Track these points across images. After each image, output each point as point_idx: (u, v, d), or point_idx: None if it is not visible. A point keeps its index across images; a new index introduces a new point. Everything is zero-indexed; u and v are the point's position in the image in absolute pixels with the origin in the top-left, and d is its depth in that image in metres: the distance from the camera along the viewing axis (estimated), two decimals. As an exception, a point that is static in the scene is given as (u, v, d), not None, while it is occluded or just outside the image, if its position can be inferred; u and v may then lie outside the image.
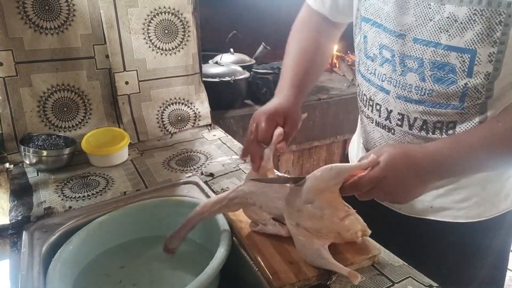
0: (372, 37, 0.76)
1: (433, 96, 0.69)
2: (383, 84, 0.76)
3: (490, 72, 0.62)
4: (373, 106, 0.81)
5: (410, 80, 0.71)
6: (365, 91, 0.82)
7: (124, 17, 1.19)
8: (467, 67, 0.64)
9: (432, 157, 0.62)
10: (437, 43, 0.65)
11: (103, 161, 1.10)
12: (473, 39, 0.61)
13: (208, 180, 1.00)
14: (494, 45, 0.60)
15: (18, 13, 1.08)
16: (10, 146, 1.13)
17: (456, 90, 0.67)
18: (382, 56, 0.75)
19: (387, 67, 0.74)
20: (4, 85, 1.11)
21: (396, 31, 0.70)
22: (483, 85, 0.64)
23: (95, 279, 0.75)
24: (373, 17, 0.74)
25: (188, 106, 1.37)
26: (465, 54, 0.63)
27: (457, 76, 0.65)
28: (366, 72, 0.81)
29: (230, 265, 0.68)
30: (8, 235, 0.82)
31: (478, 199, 0.77)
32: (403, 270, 0.67)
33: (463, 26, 0.61)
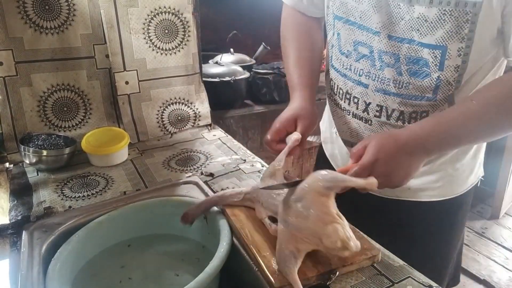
0: (345, 34, 0.81)
1: (410, 89, 0.75)
2: (360, 78, 0.81)
3: (459, 65, 0.69)
4: (350, 99, 0.85)
5: (388, 74, 0.76)
6: (341, 85, 0.87)
7: (124, 17, 1.19)
8: (439, 61, 0.70)
9: (417, 134, 0.66)
10: (410, 39, 0.71)
11: (103, 161, 1.09)
12: (443, 37, 0.67)
13: (208, 180, 1.00)
14: (462, 41, 0.66)
15: (18, 13, 1.08)
16: (10, 145, 1.13)
17: (430, 83, 0.73)
18: (358, 52, 0.80)
19: (364, 62, 0.79)
20: (4, 84, 1.10)
21: (372, 28, 0.74)
22: (453, 77, 0.70)
23: (95, 279, 0.75)
24: (345, 15, 0.79)
25: (188, 106, 1.37)
26: (437, 50, 0.69)
27: (430, 69, 0.71)
28: (341, 68, 0.86)
29: (230, 265, 0.68)
30: (8, 235, 0.82)
31: (449, 177, 0.85)
32: (403, 270, 0.67)
33: (433, 25, 0.67)
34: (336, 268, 0.64)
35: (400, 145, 0.65)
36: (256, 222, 0.76)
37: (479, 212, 2.65)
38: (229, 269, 0.69)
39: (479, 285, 2.08)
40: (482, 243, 2.37)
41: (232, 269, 0.71)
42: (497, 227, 2.51)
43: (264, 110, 1.74)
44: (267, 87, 1.77)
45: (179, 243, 0.84)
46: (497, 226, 2.53)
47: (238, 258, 0.72)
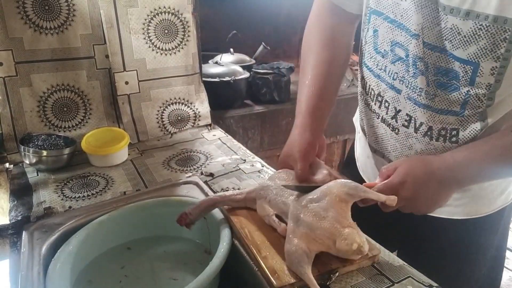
0: (383, 32, 0.74)
1: (436, 101, 0.70)
2: (394, 82, 0.76)
3: (491, 84, 0.63)
4: (381, 102, 0.80)
5: (420, 83, 0.71)
6: (374, 86, 0.81)
7: (124, 17, 1.19)
8: (469, 77, 0.64)
9: (448, 164, 0.64)
10: (442, 48, 0.65)
11: (103, 161, 1.09)
12: (476, 53, 0.61)
13: (208, 180, 1.00)
14: (497, 60, 0.60)
15: (18, 13, 1.08)
16: (10, 146, 1.13)
17: (458, 97, 0.67)
18: (394, 54, 0.74)
19: (400, 65, 0.73)
20: (4, 85, 1.10)
21: (411, 30, 0.68)
22: (484, 94, 0.64)
23: (95, 279, 0.75)
24: (386, 11, 0.72)
25: (188, 106, 1.37)
26: (468, 66, 0.63)
27: (459, 83, 0.66)
28: (376, 68, 0.79)
29: (230, 265, 0.68)
30: (8, 235, 0.82)
31: (474, 195, 0.79)
32: (403, 270, 0.67)
33: (466, 39, 0.61)
34: (336, 268, 0.64)
35: (430, 172, 0.63)
36: (256, 222, 0.76)
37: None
38: (229, 269, 0.69)
39: (479, 285, 2.07)
40: (482, 243, 2.36)
41: (232, 269, 0.71)
42: (497, 227, 2.51)
43: (264, 110, 1.74)
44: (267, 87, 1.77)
45: (179, 243, 0.84)
46: (497, 225, 2.52)
47: (238, 258, 0.72)
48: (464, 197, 0.79)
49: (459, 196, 0.79)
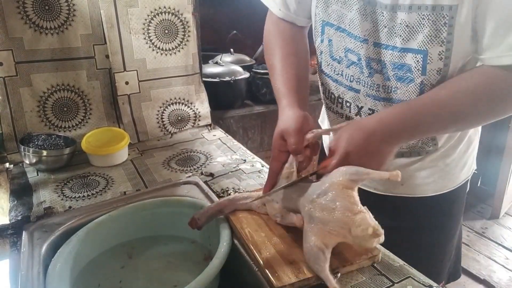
0: (337, 41, 0.81)
1: (398, 93, 0.76)
2: (352, 84, 0.82)
3: (441, 68, 0.70)
4: (342, 104, 0.87)
5: (377, 80, 0.78)
6: (333, 90, 0.88)
7: (124, 17, 1.19)
8: (421, 66, 0.71)
9: (383, 122, 0.68)
10: (393, 46, 0.72)
11: (103, 161, 1.10)
12: (424, 41, 0.68)
13: (208, 180, 1.00)
14: (442, 44, 0.68)
15: (18, 13, 1.08)
16: (10, 146, 1.13)
17: (414, 88, 0.74)
18: (348, 59, 0.81)
19: (354, 69, 0.80)
20: (4, 85, 1.11)
21: (360, 36, 0.75)
22: (436, 80, 0.71)
23: (95, 279, 0.75)
24: (337, 22, 0.79)
25: (188, 106, 1.37)
26: (418, 55, 0.70)
27: (413, 75, 0.72)
28: (333, 73, 0.86)
29: (230, 265, 0.68)
30: (8, 235, 0.82)
31: (441, 173, 0.87)
32: (403, 270, 0.67)
33: (414, 30, 0.69)
34: (337, 268, 0.64)
35: (368, 135, 0.67)
36: (256, 222, 0.76)
37: (479, 212, 2.65)
38: (229, 269, 0.69)
39: (479, 285, 2.08)
40: (482, 243, 2.37)
41: (232, 269, 0.71)
42: (497, 227, 2.51)
43: (264, 110, 1.74)
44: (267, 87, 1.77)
45: (179, 243, 0.84)
46: (497, 226, 2.53)
47: (238, 258, 0.72)
48: (432, 175, 0.86)
49: (428, 174, 0.86)
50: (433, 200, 0.89)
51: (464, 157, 0.89)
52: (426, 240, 0.93)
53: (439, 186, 0.88)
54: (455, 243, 1.00)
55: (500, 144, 2.47)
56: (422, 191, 0.88)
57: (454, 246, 1.00)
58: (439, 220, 0.92)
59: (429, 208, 0.90)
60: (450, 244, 0.98)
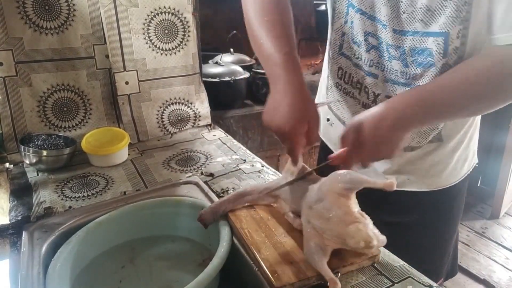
0: (357, 24, 0.80)
1: (417, 79, 0.76)
2: (371, 69, 0.82)
3: (458, 47, 0.70)
4: (361, 89, 0.86)
5: (395, 66, 0.77)
6: (353, 74, 0.86)
7: (124, 17, 1.19)
8: (443, 49, 0.71)
9: (394, 108, 0.67)
10: (414, 31, 0.72)
11: (103, 161, 1.10)
12: (445, 22, 0.68)
13: (208, 180, 1.00)
14: (461, 23, 0.68)
15: (18, 13, 1.08)
16: (10, 146, 1.13)
17: (436, 72, 0.73)
18: (368, 43, 0.80)
19: (374, 53, 0.80)
20: (4, 85, 1.11)
21: (381, 20, 0.75)
22: (453, 60, 0.71)
23: (95, 279, 0.75)
24: (359, 5, 0.79)
25: (188, 106, 1.37)
26: (440, 38, 0.70)
27: (434, 59, 0.72)
28: (353, 57, 0.85)
29: (230, 265, 0.68)
30: (8, 235, 0.82)
31: (443, 167, 0.88)
32: (403, 270, 0.67)
33: (436, 13, 0.69)
34: (337, 268, 0.64)
35: (379, 121, 0.66)
36: (256, 222, 0.76)
37: (479, 212, 2.65)
38: (229, 269, 0.69)
39: (479, 285, 2.08)
40: (482, 243, 2.37)
41: (232, 269, 0.71)
42: (497, 227, 2.51)
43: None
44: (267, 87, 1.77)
45: (179, 243, 0.84)
46: (497, 226, 2.53)
47: (238, 258, 0.72)
48: (433, 170, 0.87)
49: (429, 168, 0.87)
50: (437, 195, 0.89)
51: (466, 151, 0.90)
52: (429, 237, 0.93)
53: (440, 182, 0.89)
54: (454, 242, 1.01)
55: (500, 144, 2.47)
56: (429, 185, 0.89)
57: (452, 245, 1.01)
58: (442, 215, 0.93)
59: (432, 203, 0.91)
60: (451, 241, 0.98)
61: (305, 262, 0.65)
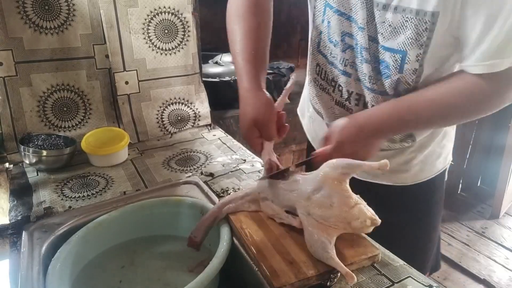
0: (334, 24, 0.83)
1: (378, 85, 0.81)
2: (345, 68, 0.85)
3: (417, 69, 0.74)
4: (335, 87, 0.90)
5: (365, 69, 0.81)
6: (328, 72, 0.91)
7: (124, 17, 1.19)
8: (399, 65, 0.75)
9: (372, 119, 0.76)
10: (377, 41, 0.76)
11: (103, 161, 1.09)
12: (404, 42, 0.72)
13: (208, 180, 1.00)
14: (420, 47, 0.71)
15: (18, 13, 1.08)
16: (10, 146, 1.13)
17: (391, 83, 0.78)
18: (344, 43, 0.83)
19: (350, 53, 0.83)
20: (4, 85, 1.10)
21: (359, 23, 0.78)
22: (411, 79, 0.76)
23: (95, 279, 0.75)
24: (336, 5, 0.81)
25: (188, 106, 1.37)
26: (397, 54, 0.74)
27: (391, 72, 0.77)
28: (329, 55, 0.89)
29: (230, 265, 0.68)
30: (8, 235, 0.82)
31: (419, 163, 0.92)
32: (403, 270, 0.67)
33: (396, 30, 0.72)
34: (336, 268, 0.64)
35: (359, 129, 0.75)
36: (256, 222, 0.76)
37: (479, 212, 2.64)
38: (229, 269, 0.69)
39: (479, 285, 2.08)
40: (482, 243, 2.37)
41: (232, 269, 0.71)
42: (497, 227, 2.51)
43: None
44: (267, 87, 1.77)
45: (179, 243, 0.84)
46: (497, 226, 2.53)
47: (238, 258, 0.72)
48: (411, 165, 0.92)
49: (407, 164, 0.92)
50: (413, 190, 0.94)
51: (439, 148, 0.94)
52: (410, 232, 0.97)
53: (417, 176, 0.94)
54: (436, 238, 1.04)
55: (500, 144, 2.47)
56: (402, 179, 0.93)
57: (436, 241, 1.04)
58: (421, 210, 0.98)
59: (410, 198, 0.96)
60: (433, 235, 1.02)
61: (305, 262, 0.65)
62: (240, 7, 0.86)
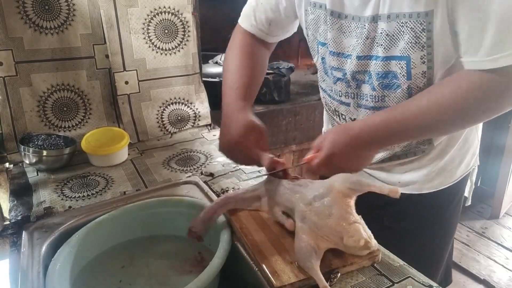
0: (327, 59, 0.85)
1: (386, 101, 0.79)
2: (341, 98, 0.86)
3: (425, 71, 0.72)
4: (339, 116, 0.91)
5: (364, 90, 0.80)
6: (329, 104, 0.93)
7: (124, 17, 1.19)
8: (406, 71, 0.73)
9: (366, 129, 0.72)
10: (376, 56, 0.75)
11: (103, 161, 1.09)
12: (405, 47, 0.71)
13: (208, 180, 1.00)
14: (422, 49, 0.70)
15: (18, 13, 1.08)
16: (10, 146, 1.13)
17: (402, 93, 0.76)
18: (333, 76, 0.85)
19: (341, 84, 0.84)
20: (4, 85, 1.11)
21: (344, 53, 0.79)
22: (423, 83, 0.74)
23: (95, 279, 0.75)
24: (325, 41, 0.82)
25: (188, 106, 1.37)
26: (402, 61, 0.72)
27: (399, 80, 0.75)
28: (327, 88, 0.91)
29: (230, 265, 0.68)
30: (8, 235, 0.82)
31: (438, 170, 0.88)
32: (403, 270, 0.67)
33: (394, 38, 0.71)
34: (337, 268, 0.64)
35: (351, 140, 0.71)
36: (256, 222, 0.76)
37: (479, 212, 2.65)
38: (229, 269, 0.69)
39: (479, 285, 2.08)
40: (482, 243, 2.37)
41: (232, 269, 0.71)
42: (497, 227, 2.51)
43: (264, 110, 1.74)
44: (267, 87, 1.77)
45: (179, 243, 0.84)
46: (497, 226, 2.53)
47: (238, 258, 0.72)
48: (430, 174, 0.88)
49: (427, 173, 0.87)
50: (430, 198, 0.89)
51: (461, 154, 0.90)
52: (424, 242, 0.93)
53: (435, 184, 0.89)
54: (450, 248, 1.00)
55: (500, 144, 2.47)
56: (419, 189, 0.89)
57: (448, 251, 1.00)
58: (437, 220, 0.93)
59: (426, 207, 0.91)
60: (446, 247, 0.98)
61: (305, 262, 0.65)
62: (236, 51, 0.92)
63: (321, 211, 0.65)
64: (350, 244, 0.63)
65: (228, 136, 0.79)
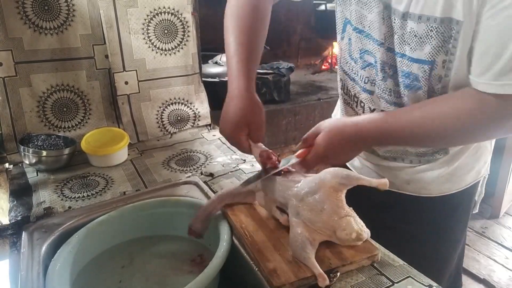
0: (354, 41, 0.83)
1: (405, 99, 0.79)
2: (366, 86, 0.85)
3: (442, 76, 0.71)
4: (357, 103, 0.89)
5: (389, 85, 0.80)
6: (350, 88, 0.91)
7: (124, 17, 1.19)
8: (428, 75, 0.72)
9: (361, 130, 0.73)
10: (402, 54, 0.74)
11: (103, 161, 1.09)
12: (431, 52, 0.70)
13: (207, 180, 1.00)
14: (446, 54, 0.69)
15: (17, 13, 1.08)
16: (9, 146, 1.13)
17: (423, 95, 0.76)
18: (363, 60, 0.83)
19: (370, 70, 0.82)
20: (3, 85, 1.10)
21: (377, 39, 0.77)
22: (437, 87, 0.73)
23: (95, 279, 0.75)
24: (355, 23, 0.81)
25: (188, 106, 1.37)
26: (426, 65, 0.71)
27: (421, 83, 0.74)
28: (351, 72, 0.89)
29: (230, 265, 0.68)
30: (7, 235, 0.82)
31: (447, 175, 0.88)
32: (403, 270, 0.67)
33: (422, 40, 0.70)
34: (336, 267, 0.64)
35: (345, 140, 0.74)
36: (256, 222, 0.76)
37: (479, 212, 2.64)
38: (229, 269, 0.69)
39: (479, 284, 2.08)
40: (482, 242, 2.37)
41: (232, 269, 0.71)
42: (497, 227, 2.51)
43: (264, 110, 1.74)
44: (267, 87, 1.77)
45: (179, 243, 0.84)
46: (497, 225, 2.53)
47: (238, 258, 0.72)
48: (440, 177, 0.87)
49: (436, 176, 0.87)
50: (438, 202, 0.89)
51: (472, 161, 0.89)
52: (429, 246, 0.92)
53: (444, 187, 0.88)
54: (457, 254, 0.98)
55: (500, 144, 2.47)
56: (428, 191, 0.89)
57: (456, 257, 0.98)
58: (443, 224, 0.92)
59: (434, 210, 0.90)
60: (454, 252, 0.97)
61: (305, 262, 0.65)
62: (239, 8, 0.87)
63: (314, 206, 0.66)
64: (343, 237, 0.65)
65: (223, 125, 0.80)
